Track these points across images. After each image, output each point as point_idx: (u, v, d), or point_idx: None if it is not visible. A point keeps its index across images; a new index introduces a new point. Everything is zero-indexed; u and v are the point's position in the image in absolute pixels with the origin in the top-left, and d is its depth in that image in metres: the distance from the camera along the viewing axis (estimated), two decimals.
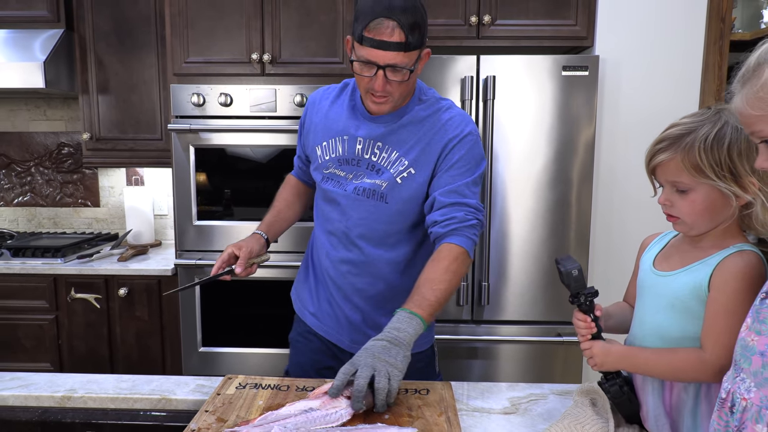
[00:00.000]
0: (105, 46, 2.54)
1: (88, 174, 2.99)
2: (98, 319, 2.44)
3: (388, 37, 1.17)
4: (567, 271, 0.99)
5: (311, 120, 1.43)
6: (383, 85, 1.22)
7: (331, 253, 1.40)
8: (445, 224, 1.27)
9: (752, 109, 0.72)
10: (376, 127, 1.33)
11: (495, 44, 2.28)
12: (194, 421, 1.02)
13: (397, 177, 1.31)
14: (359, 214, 1.35)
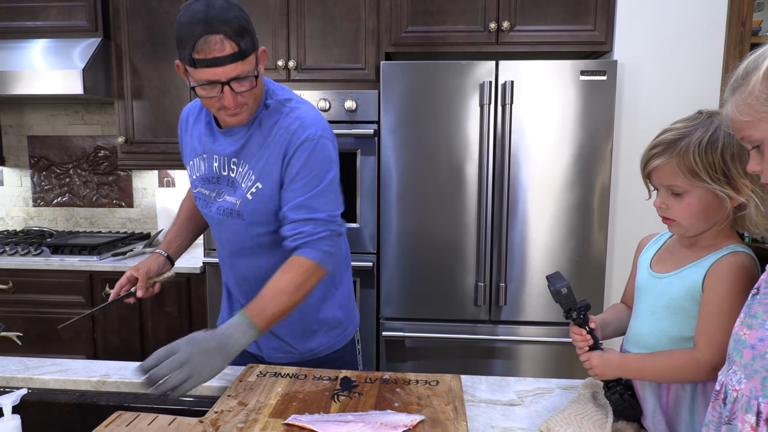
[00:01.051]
0: (139, 54, 2.67)
1: (123, 176, 3.13)
2: (131, 314, 2.56)
3: (219, 52, 1.11)
4: (556, 289, 1.03)
5: (181, 138, 1.44)
6: (234, 100, 1.17)
7: (225, 268, 1.45)
8: (294, 238, 1.25)
9: (741, 115, 0.75)
10: (229, 143, 1.29)
11: (514, 50, 2.32)
12: (217, 404, 1.10)
13: (247, 193, 1.28)
14: (227, 234, 1.36)
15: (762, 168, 0.76)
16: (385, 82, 2.23)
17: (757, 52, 0.75)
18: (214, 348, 1.09)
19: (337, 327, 1.46)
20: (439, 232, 2.29)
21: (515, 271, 2.28)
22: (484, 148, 2.21)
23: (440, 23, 2.32)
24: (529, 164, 2.23)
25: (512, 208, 2.25)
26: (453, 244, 2.29)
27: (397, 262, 2.32)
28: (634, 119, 2.27)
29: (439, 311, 2.34)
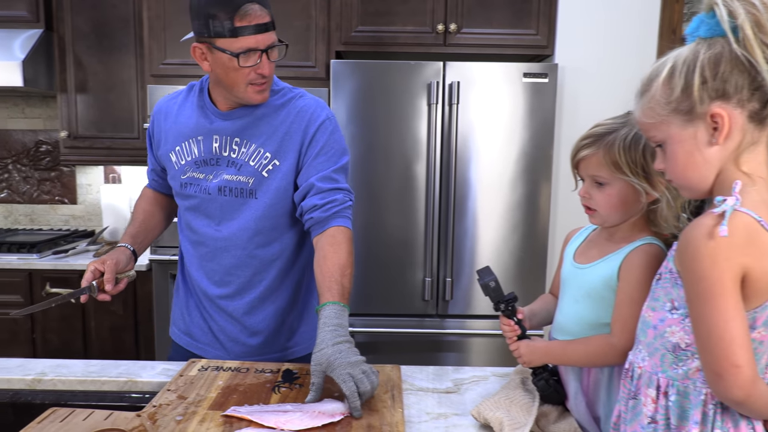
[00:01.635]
0: (84, 46, 2.60)
1: (66, 172, 3.04)
2: (72, 313, 2.49)
3: (261, 19, 1.19)
4: (485, 283, 1.09)
5: (160, 128, 1.39)
6: (270, 68, 1.24)
7: (203, 264, 1.37)
8: (328, 207, 1.27)
9: (646, 118, 0.82)
10: (231, 123, 1.30)
11: (461, 51, 2.38)
12: (156, 398, 1.10)
13: (263, 171, 1.29)
14: (228, 215, 1.32)
15: (665, 166, 0.83)
16: (335, 80, 2.25)
17: (661, 60, 0.81)
18: (349, 347, 1.09)
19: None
20: (389, 228, 2.33)
21: (464, 266, 2.34)
22: (432, 146, 2.26)
23: (390, 24, 2.35)
24: (475, 163, 2.29)
25: (460, 205, 2.31)
26: (403, 241, 2.33)
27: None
28: (573, 119, 2.37)
29: (389, 306, 2.38)
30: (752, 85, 0.74)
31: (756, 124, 0.76)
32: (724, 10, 0.74)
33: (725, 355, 0.73)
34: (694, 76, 0.75)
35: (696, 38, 0.78)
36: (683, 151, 0.79)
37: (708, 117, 0.76)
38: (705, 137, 0.77)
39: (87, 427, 0.98)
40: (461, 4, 2.34)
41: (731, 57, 0.74)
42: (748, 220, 0.74)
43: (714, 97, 0.75)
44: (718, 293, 0.73)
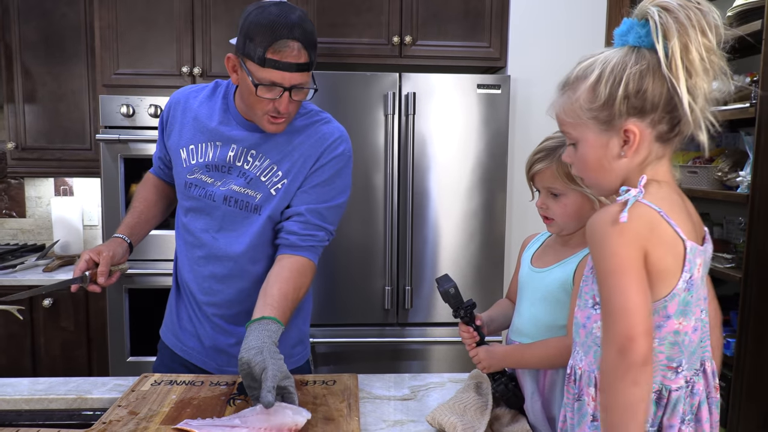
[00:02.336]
0: (32, 56, 2.53)
1: (14, 184, 2.93)
2: (21, 330, 2.40)
3: (295, 59, 1.14)
4: (444, 290, 1.11)
5: (175, 118, 1.34)
6: (288, 107, 1.20)
7: (194, 268, 1.34)
8: (306, 239, 1.28)
9: (566, 116, 0.84)
10: (251, 135, 1.28)
11: (416, 63, 2.42)
12: (106, 415, 1.07)
13: (272, 189, 1.28)
14: (229, 225, 1.30)
15: (573, 161, 0.87)
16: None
17: (590, 59, 0.82)
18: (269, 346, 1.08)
19: (300, 344, 1.43)
20: (349, 238, 2.33)
21: (423, 274, 2.37)
22: (389, 156, 2.29)
23: (346, 35, 2.38)
24: (432, 172, 2.33)
25: (418, 214, 2.34)
26: (362, 250, 2.35)
27: None
28: (526, 129, 2.44)
29: (350, 316, 2.38)
30: (666, 108, 0.78)
31: (662, 143, 0.81)
32: (660, 28, 0.75)
33: (630, 324, 0.75)
34: (618, 89, 0.78)
35: (624, 42, 0.80)
36: (594, 156, 0.83)
37: (622, 131, 0.80)
38: (616, 148, 0.81)
39: None
40: (416, 17, 2.38)
41: (655, 77, 0.77)
42: (649, 211, 0.78)
43: (631, 114, 0.79)
44: (622, 270, 0.76)
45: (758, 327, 2.11)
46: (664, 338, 0.81)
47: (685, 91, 0.75)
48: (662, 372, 0.82)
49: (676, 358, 0.82)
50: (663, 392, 0.83)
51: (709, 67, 0.76)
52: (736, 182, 2.31)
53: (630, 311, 0.75)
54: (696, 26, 0.75)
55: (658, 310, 0.80)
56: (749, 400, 2.17)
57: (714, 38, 0.76)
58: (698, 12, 0.75)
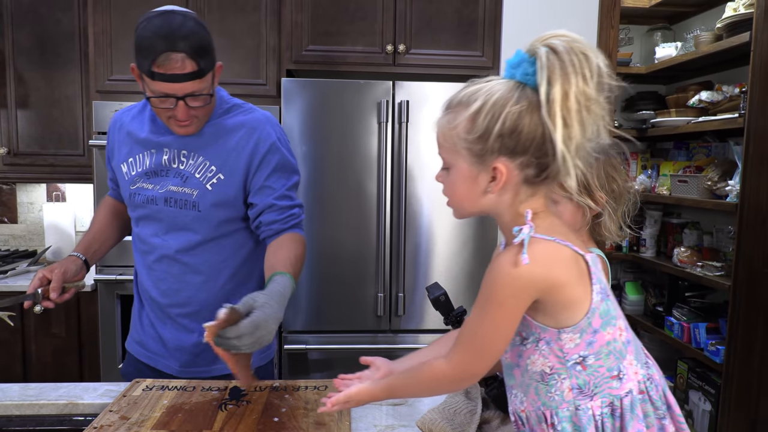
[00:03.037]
0: (26, 61, 2.53)
1: (6, 190, 2.92)
2: (11, 337, 2.38)
3: (180, 69, 1.16)
4: (435, 298, 1.13)
5: (113, 139, 1.41)
6: (186, 113, 1.23)
7: (151, 273, 1.38)
8: (287, 220, 1.34)
9: (443, 139, 0.83)
10: (179, 137, 1.31)
11: (410, 71, 2.44)
12: (97, 419, 1.07)
13: (207, 183, 1.31)
14: (173, 225, 1.34)
15: (443, 181, 0.86)
16: (286, 98, 2.27)
17: (477, 86, 0.80)
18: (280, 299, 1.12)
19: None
20: (342, 245, 2.34)
21: (416, 281, 2.38)
22: (383, 164, 2.30)
23: (340, 43, 2.40)
24: (425, 180, 2.34)
25: (411, 222, 2.36)
26: (355, 257, 2.35)
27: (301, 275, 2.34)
28: None
29: (343, 322, 2.39)
30: (536, 153, 0.77)
31: (529, 186, 0.80)
32: (545, 71, 0.73)
33: (484, 367, 0.83)
34: (495, 125, 0.76)
35: (512, 75, 0.78)
36: (464, 185, 0.82)
37: (491, 167, 0.79)
38: (484, 183, 0.80)
39: None
40: (409, 26, 2.40)
41: (533, 119, 0.76)
42: (545, 244, 0.79)
43: (503, 152, 0.78)
44: (502, 320, 0.79)
45: (747, 334, 2.13)
46: (599, 352, 0.82)
47: (560, 139, 0.74)
48: (607, 385, 0.83)
49: (615, 366, 0.83)
50: (615, 403, 0.83)
51: (585, 116, 0.74)
52: (726, 191, 2.34)
53: (489, 358, 0.82)
54: (578, 73, 0.73)
55: (584, 329, 0.81)
56: (738, 406, 2.19)
57: (595, 87, 0.74)
58: (583, 57, 0.73)
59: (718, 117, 2.42)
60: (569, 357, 0.81)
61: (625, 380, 0.83)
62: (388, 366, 1.04)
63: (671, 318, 2.69)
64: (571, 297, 0.80)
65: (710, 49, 2.45)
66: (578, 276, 0.80)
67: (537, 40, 0.77)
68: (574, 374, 0.82)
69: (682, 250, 2.65)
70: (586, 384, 0.82)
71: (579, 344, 0.81)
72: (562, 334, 0.81)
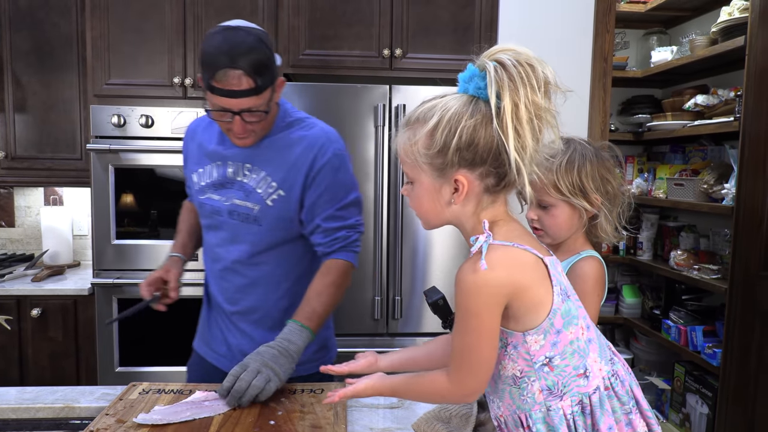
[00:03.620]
0: (23, 65, 2.53)
1: (3, 193, 2.92)
2: (8, 341, 2.38)
3: (236, 86, 1.19)
4: (433, 302, 1.13)
5: (188, 148, 1.47)
6: (243, 128, 1.26)
7: (217, 281, 1.43)
8: (331, 244, 1.35)
9: (405, 155, 0.86)
10: (243, 151, 1.35)
11: (406, 75, 2.45)
12: (93, 423, 1.07)
13: (268, 199, 1.34)
14: (237, 237, 1.37)
15: (409, 195, 0.89)
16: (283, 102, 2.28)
17: (432, 102, 0.83)
18: (277, 354, 1.20)
19: (322, 349, 1.48)
20: None
21: (413, 284, 2.38)
22: (380, 167, 2.31)
23: (337, 48, 2.41)
24: None
25: (408, 225, 2.36)
26: None
27: None
28: None
29: (340, 326, 2.38)
30: (494, 163, 0.80)
31: (490, 194, 0.83)
32: (494, 84, 0.76)
33: (481, 381, 0.83)
34: (452, 140, 0.79)
35: (465, 90, 0.81)
36: (428, 198, 0.85)
37: (452, 180, 0.82)
38: (447, 195, 0.83)
39: None
40: (406, 31, 2.41)
41: (487, 131, 0.78)
42: (505, 250, 0.80)
43: (462, 165, 0.81)
44: (480, 329, 0.80)
45: (743, 337, 2.14)
46: (564, 352, 0.83)
47: (512, 149, 0.77)
48: (574, 383, 0.84)
49: (580, 364, 0.84)
50: (584, 401, 0.84)
51: (537, 125, 0.77)
52: (722, 195, 2.35)
53: (483, 369, 0.83)
54: (527, 84, 0.76)
55: (547, 330, 0.82)
56: (735, 408, 2.19)
57: (543, 95, 0.77)
58: (529, 68, 0.76)
59: (714, 120, 2.44)
60: (536, 359, 0.83)
61: (591, 377, 0.85)
62: (374, 355, 1.10)
63: (668, 321, 2.70)
64: (533, 299, 0.81)
65: (705, 53, 2.47)
66: (539, 278, 0.82)
67: (485, 55, 0.80)
68: (543, 375, 0.83)
69: (679, 253, 2.65)
70: (555, 384, 0.84)
71: (544, 345, 0.82)
72: (527, 336, 0.82)
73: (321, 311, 1.29)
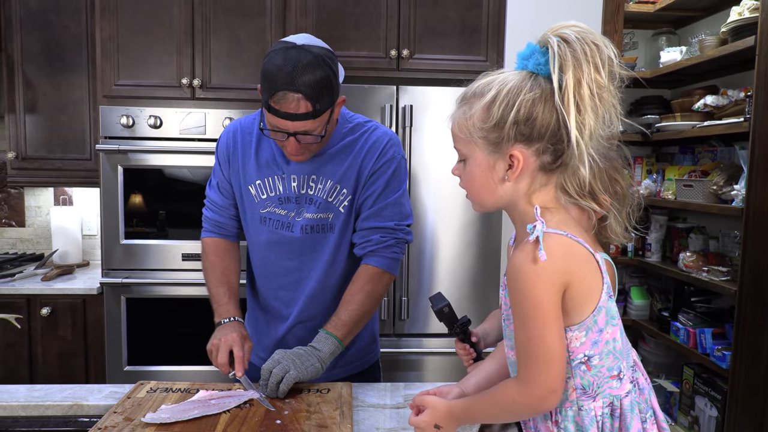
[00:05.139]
0: (34, 66, 2.56)
1: (14, 193, 2.95)
2: (18, 339, 2.40)
3: (294, 110, 1.17)
4: (438, 309, 1.12)
5: (231, 153, 1.39)
6: (297, 148, 1.24)
7: (278, 294, 1.41)
8: (363, 246, 1.35)
9: (459, 131, 0.85)
10: (306, 162, 1.32)
11: (413, 76, 2.45)
12: (101, 420, 1.08)
13: (340, 206, 1.34)
14: (309, 249, 1.36)
15: (460, 174, 0.88)
16: None
17: (490, 77, 0.83)
18: (304, 353, 1.23)
19: (372, 343, 1.49)
20: None
21: (420, 285, 2.38)
22: None
23: (344, 49, 2.41)
24: (429, 183, 2.35)
25: (414, 226, 2.35)
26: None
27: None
28: None
29: None
30: (552, 139, 0.79)
31: (545, 173, 0.82)
32: (557, 59, 0.76)
33: (554, 376, 0.78)
34: (510, 113, 0.78)
35: (524, 66, 0.81)
36: (481, 175, 0.84)
37: (508, 155, 0.81)
38: (501, 172, 0.82)
39: None
40: (413, 32, 2.42)
41: (546, 107, 0.78)
42: (560, 238, 0.79)
43: (518, 140, 0.80)
44: (544, 318, 0.77)
45: (753, 339, 2.12)
46: (602, 352, 0.82)
47: (573, 125, 0.76)
48: (607, 385, 0.83)
49: (615, 365, 0.84)
50: (615, 403, 0.84)
51: (598, 104, 0.76)
52: (731, 196, 2.33)
53: (554, 362, 0.78)
54: (590, 62, 0.75)
55: (590, 327, 0.81)
56: (744, 412, 2.17)
57: (606, 76, 0.76)
58: (594, 47, 0.75)
59: (724, 121, 2.42)
60: (575, 356, 0.82)
61: (624, 380, 0.84)
62: (458, 387, 1.02)
63: (677, 323, 2.68)
64: (585, 292, 0.80)
65: (715, 53, 2.45)
66: (591, 271, 0.81)
67: (549, 30, 0.79)
68: (579, 374, 0.82)
69: (688, 255, 2.64)
70: (590, 385, 0.83)
71: (584, 343, 0.81)
72: (569, 332, 0.81)
73: (347, 319, 1.29)
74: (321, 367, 1.24)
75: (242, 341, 1.29)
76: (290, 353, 1.23)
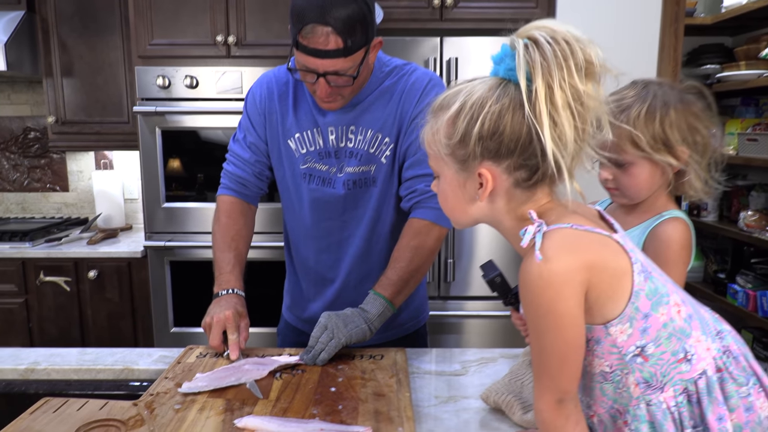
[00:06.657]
0: (68, 29, 2.52)
1: (56, 158, 2.97)
2: (68, 301, 2.45)
3: (323, 45, 1.07)
4: (490, 279, 1.03)
5: (265, 107, 1.31)
6: (326, 91, 1.15)
7: (321, 257, 1.35)
8: (408, 198, 1.26)
9: (428, 147, 0.77)
10: (343, 113, 1.24)
11: (458, 26, 2.32)
12: (153, 386, 1.06)
13: (382, 157, 1.26)
14: (352, 206, 1.29)
15: (437, 190, 0.80)
16: None
17: (458, 87, 0.74)
18: (350, 314, 1.18)
19: (423, 303, 1.45)
20: None
21: (463, 246, 2.31)
22: None
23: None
24: None
25: None
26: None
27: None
28: None
29: None
30: (524, 155, 0.69)
31: (524, 189, 0.72)
32: (523, 67, 0.67)
33: (569, 380, 0.72)
34: (474, 128, 0.70)
35: (496, 72, 0.71)
36: (452, 194, 0.76)
37: (476, 173, 0.72)
38: (472, 191, 0.74)
39: (81, 418, 0.95)
40: None
41: (515, 118, 0.68)
42: (559, 231, 0.70)
43: (486, 156, 0.70)
44: (557, 327, 0.69)
45: None
46: (658, 338, 0.73)
47: (548, 138, 0.66)
48: (675, 371, 0.74)
49: (680, 348, 0.74)
50: (689, 388, 0.74)
51: (578, 112, 0.66)
52: None
53: (568, 367, 0.71)
54: (563, 65, 0.65)
55: (632, 316, 0.71)
56: None
57: (583, 80, 0.66)
58: (566, 48, 0.65)
59: None
60: (626, 350, 0.73)
61: (696, 361, 0.74)
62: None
63: (735, 285, 2.55)
64: (612, 280, 0.70)
65: None
66: (613, 254, 0.71)
67: (518, 32, 0.69)
68: (636, 368, 0.73)
69: (749, 214, 2.48)
70: (653, 376, 0.74)
71: (632, 334, 0.72)
72: (610, 328, 0.72)
73: (395, 278, 1.21)
74: (369, 329, 1.18)
75: (237, 319, 1.21)
76: (335, 315, 1.17)
